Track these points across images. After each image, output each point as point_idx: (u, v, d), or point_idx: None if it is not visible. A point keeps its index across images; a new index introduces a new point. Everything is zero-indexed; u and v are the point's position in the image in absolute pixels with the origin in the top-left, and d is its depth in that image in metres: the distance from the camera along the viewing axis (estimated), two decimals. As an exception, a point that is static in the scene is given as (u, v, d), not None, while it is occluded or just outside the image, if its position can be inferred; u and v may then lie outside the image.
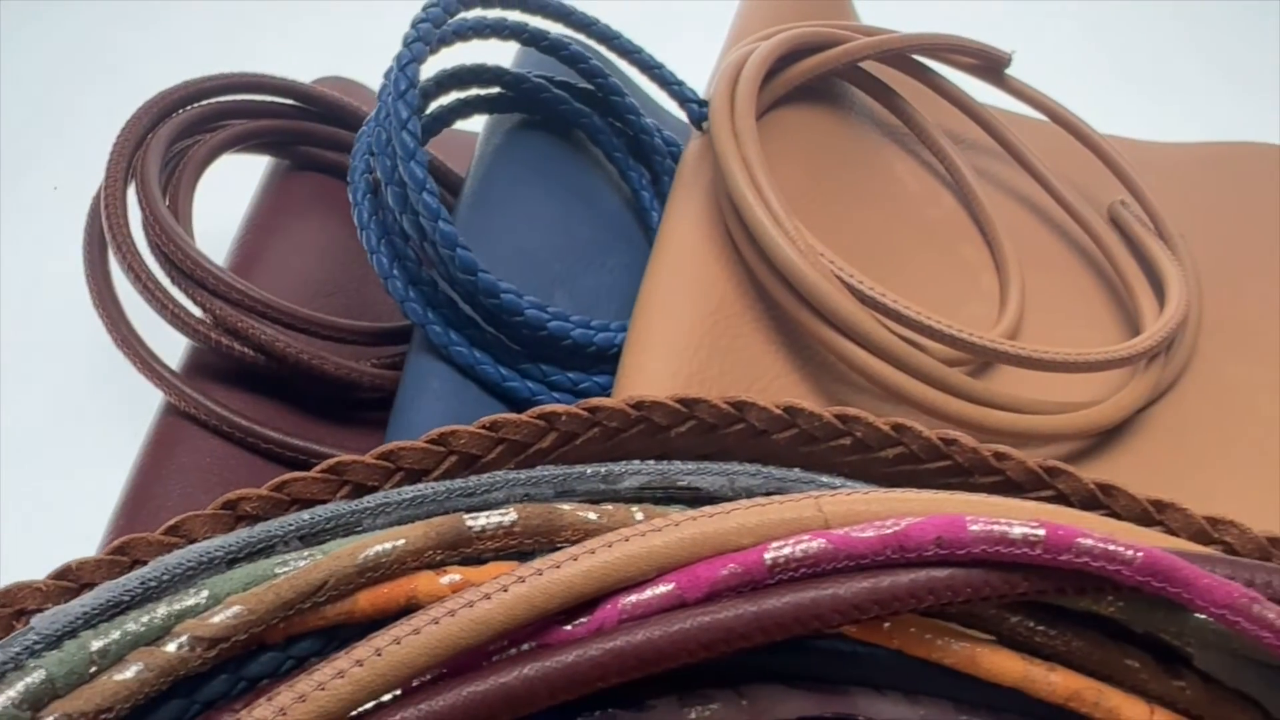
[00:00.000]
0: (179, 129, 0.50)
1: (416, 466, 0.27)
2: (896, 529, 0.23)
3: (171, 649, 0.21)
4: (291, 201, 0.56)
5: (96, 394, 0.54)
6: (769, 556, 0.22)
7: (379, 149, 0.41)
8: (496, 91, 0.50)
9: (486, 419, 0.28)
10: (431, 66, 0.46)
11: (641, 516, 0.25)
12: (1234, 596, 0.22)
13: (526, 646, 0.22)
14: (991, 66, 0.54)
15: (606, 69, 0.50)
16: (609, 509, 0.25)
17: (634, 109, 0.50)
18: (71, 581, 0.25)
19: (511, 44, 0.49)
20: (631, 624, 0.22)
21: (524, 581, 0.22)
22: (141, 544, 0.25)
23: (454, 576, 0.23)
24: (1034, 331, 0.48)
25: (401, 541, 0.23)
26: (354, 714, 0.21)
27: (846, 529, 0.23)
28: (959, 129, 0.56)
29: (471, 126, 0.51)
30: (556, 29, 0.48)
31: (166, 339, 0.46)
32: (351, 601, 0.23)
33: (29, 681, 0.20)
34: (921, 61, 0.54)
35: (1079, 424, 0.41)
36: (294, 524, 0.24)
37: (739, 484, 0.27)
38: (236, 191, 0.57)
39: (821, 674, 0.25)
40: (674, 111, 0.48)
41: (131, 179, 0.47)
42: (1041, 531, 0.22)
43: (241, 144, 0.53)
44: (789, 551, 0.23)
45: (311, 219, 0.56)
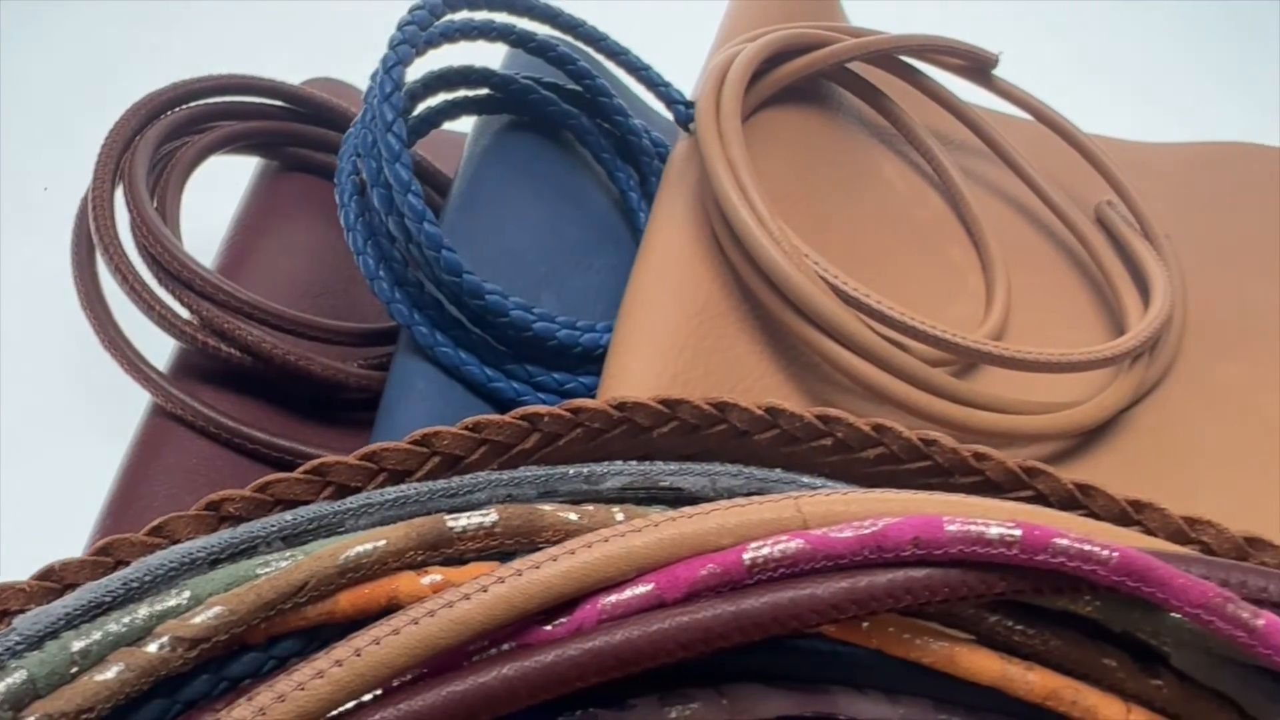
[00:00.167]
0: (167, 130, 0.50)
1: (400, 467, 0.27)
2: (874, 529, 0.23)
3: (152, 649, 0.21)
4: (280, 203, 0.56)
5: (83, 395, 0.54)
6: (748, 557, 0.23)
7: (365, 151, 0.41)
8: (485, 93, 0.50)
9: (470, 420, 0.28)
10: (420, 68, 0.46)
11: (622, 517, 0.25)
12: (1208, 596, 0.22)
13: (506, 646, 0.22)
14: (979, 67, 0.55)
15: (594, 70, 0.50)
16: (590, 509, 0.25)
17: (622, 110, 0.50)
18: (55, 582, 0.25)
19: (500, 46, 0.49)
20: (611, 624, 0.22)
21: (503, 582, 0.22)
22: (125, 545, 0.25)
23: (435, 577, 0.23)
24: (1020, 331, 0.48)
25: (383, 542, 0.23)
26: (334, 714, 0.21)
27: (825, 529, 0.23)
28: (946, 130, 0.56)
29: (461, 127, 0.51)
30: (544, 31, 0.48)
31: (154, 340, 0.46)
32: (333, 602, 0.23)
33: (10, 682, 0.20)
34: (909, 62, 0.54)
35: (1062, 424, 0.41)
36: (276, 525, 0.25)
37: (721, 484, 0.27)
38: (226, 192, 0.57)
39: (802, 673, 0.25)
40: (663, 113, 0.48)
41: (119, 181, 0.47)
42: (1018, 532, 0.23)
43: (230, 145, 0.53)
44: (767, 552, 0.23)
45: (300, 220, 0.56)
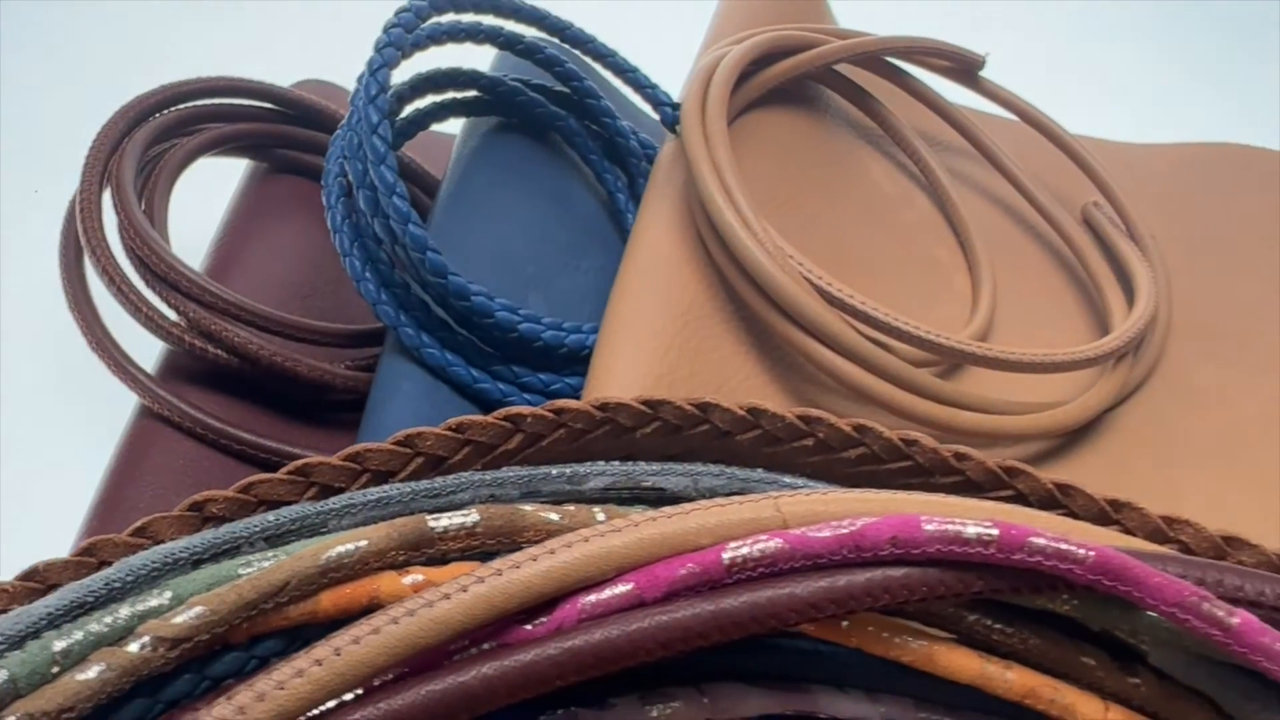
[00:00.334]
0: (156, 133, 0.50)
1: (383, 468, 0.27)
2: (853, 529, 0.23)
3: (134, 649, 0.21)
4: (270, 204, 0.56)
5: (71, 396, 0.54)
6: (727, 556, 0.23)
7: (351, 153, 0.41)
8: (473, 94, 0.50)
9: (453, 420, 0.28)
10: (408, 70, 0.46)
11: (603, 517, 0.25)
12: (1183, 594, 0.22)
13: (487, 646, 0.22)
14: (965, 69, 0.55)
15: (583, 72, 0.50)
16: (571, 510, 0.25)
17: (609, 112, 0.50)
18: (38, 583, 0.25)
19: (489, 49, 0.49)
20: (590, 623, 0.22)
21: (483, 582, 0.22)
22: (108, 545, 0.25)
23: (417, 577, 0.23)
24: (1005, 332, 0.49)
25: (364, 542, 0.23)
26: (314, 713, 0.21)
27: (804, 529, 0.23)
28: (933, 131, 0.57)
29: (450, 129, 0.51)
30: (532, 33, 0.48)
31: (142, 342, 0.46)
32: (314, 602, 0.23)
33: (-9, 681, 0.20)
34: (895, 64, 0.55)
35: (1045, 424, 0.41)
36: (259, 525, 0.25)
37: (703, 484, 0.27)
38: (217, 194, 0.57)
39: (783, 672, 0.25)
40: (652, 115, 0.48)
41: (107, 183, 0.47)
42: (995, 531, 0.23)
43: (219, 148, 0.53)
44: (746, 551, 0.23)
45: (289, 222, 0.56)
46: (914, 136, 0.54)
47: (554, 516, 0.25)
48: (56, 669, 0.21)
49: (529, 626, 0.22)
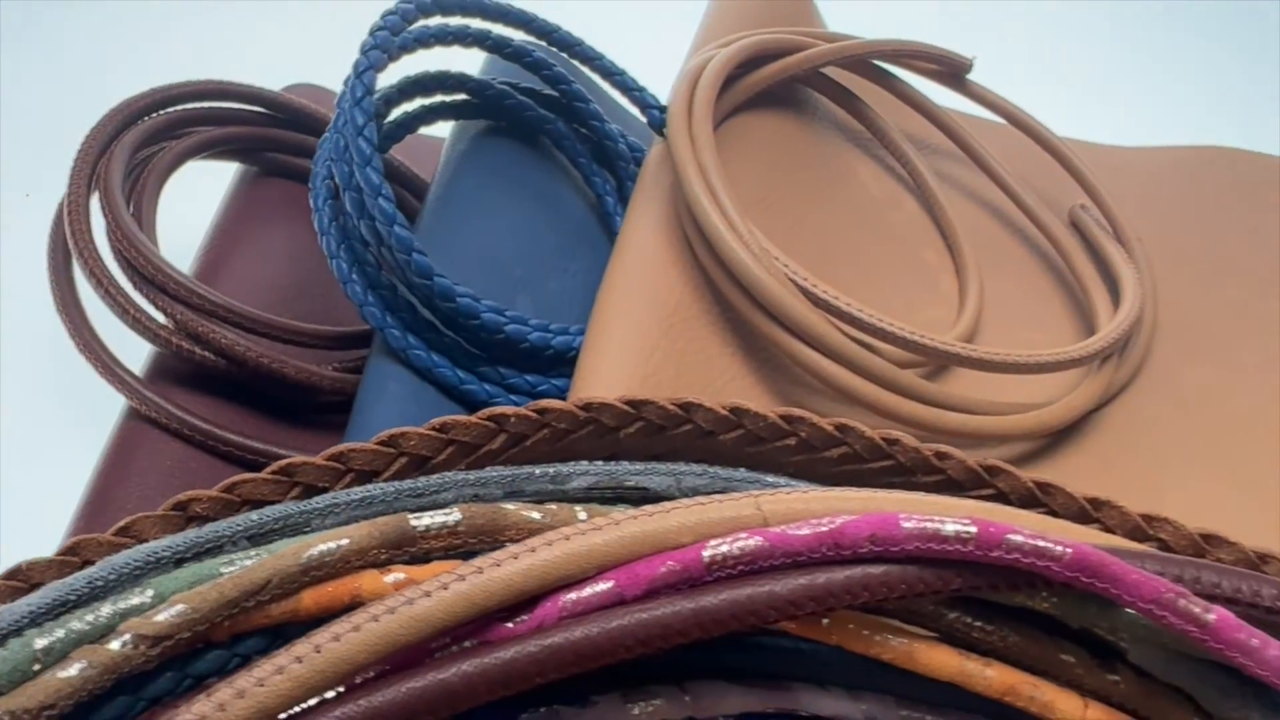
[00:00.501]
0: (144, 136, 0.50)
1: (367, 468, 0.27)
2: (832, 526, 0.23)
3: (115, 647, 0.21)
4: (259, 207, 0.56)
5: (59, 398, 0.54)
6: (707, 554, 0.23)
7: (337, 155, 0.41)
8: (462, 98, 0.50)
9: (437, 421, 0.28)
10: (397, 73, 0.46)
11: (585, 516, 0.25)
12: (1160, 591, 0.23)
13: (468, 643, 0.22)
14: (953, 72, 0.55)
15: (571, 75, 0.50)
16: (553, 508, 0.25)
17: (598, 115, 0.51)
18: (22, 581, 0.25)
19: (480, 52, 0.49)
20: (571, 621, 0.22)
21: (464, 579, 0.22)
22: (92, 544, 0.26)
23: (398, 575, 0.23)
24: (992, 334, 0.49)
25: (346, 541, 0.23)
26: (296, 710, 0.21)
27: (784, 527, 0.23)
28: (921, 134, 0.57)
29: (441, 132, 0.52)
30: (520, 36, 0.48)
31: (131, 345, 0.46)
32: (296, 600, 0.23)
33: (-27, 679, 0.20)
34: (883, 67, 0.55)
35: (1029, 425, 0.41)
36: (242, 524, 0.25)
37: (686, 484, 0.27)
38: (207, 197, 0.57)
39: (764, 670, 0.25)
40: (642, 118, 0.48)
41: (95, 186, 0.47)
42: (973, 529, 0.23)
43: (207, 151, 0.53)
44: (726, 549, 0.23)
45: (279, 224, 0.56)
46: (901, 139, 0.54)
47: (536, 515, 0.25)
48: (38, 666, 0.21)
49: (510, 624, 0.22)
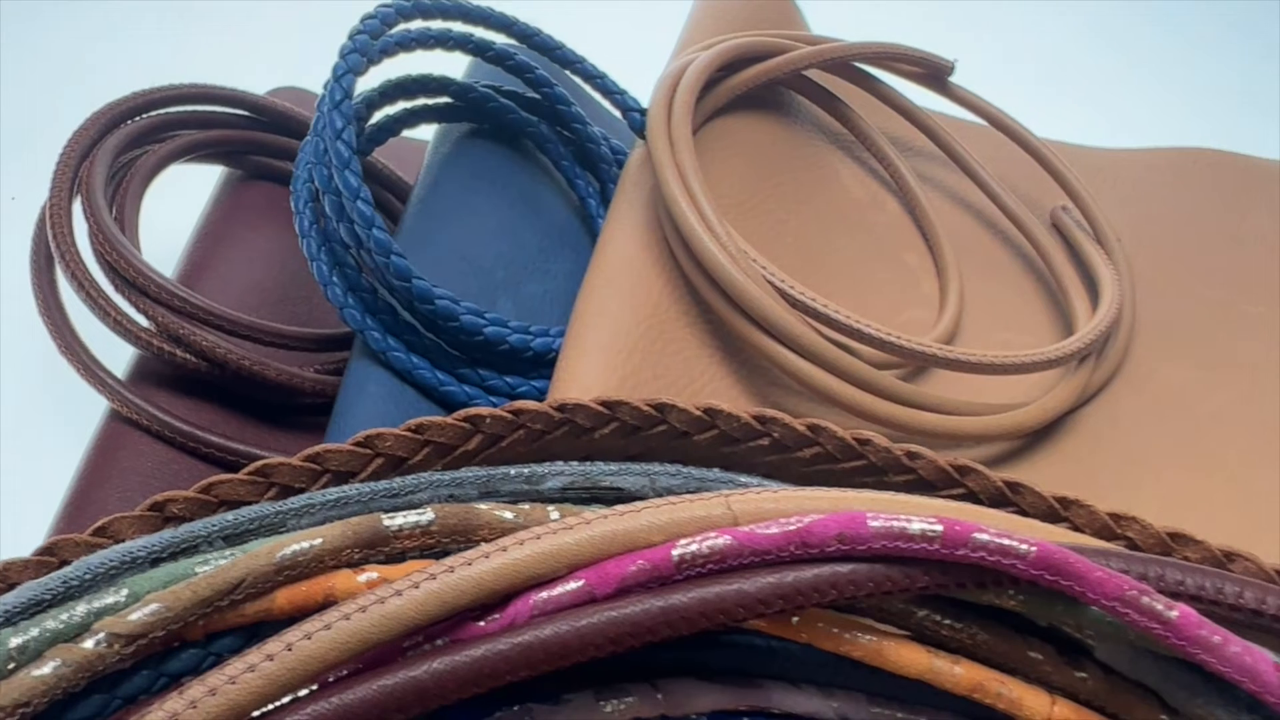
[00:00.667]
0: (127, 139, 0.50)
1: (343, 469, 0.28)
2: (800, 525, 0.23)
3: (89, 646, 0.21)
4: (243, 211, 0.56)
5: (41, 401, 0.54)
6: (676, 553, 0.23)
7: (317, 159, 0.41)
8: (445, 101, 0.50)
9: (413, 421, 0.28)
10: (379, 76, 0.46)
11: (557, 515, 0.25)
12: (1123, 589, 0.23)
13: (440, 642, 0.23)
14: (935, 74, 0.55)
15: (554, 78, 0.51)
16: (526, 508, 0.25)
17: (580, 118, 0.51)
18: (-1, 582, 0.25)
19: (464, 56, 0.50)
20: (542, 619, 0.22)
21: (436, 578, 0.22)
22: (69, 545, 0.26)
23: (372, 574, 0.24)
24: (972, 335, 0.49)
25: (319, 540, 0.23)
26: (269, 708, 0.21)
27: (752, 526, 0.24)
28: (903, 136, 0.57)
29: (424, 135, 0.52)
30: (502, 40, 0.49)
31: (113, 348, 0.46)
32: (270, 599, 0.23)
33: (-53, 678, 0.20)
34: (865, 69, 0.55)
35: (1005, 425, 0.42)
36: (218, 524, 0.25)
37: (660, 484, 0.27)
38: (191, 201, 0.57)
39: (737, 668, 0.26)
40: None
41: (77, 190, 0.47)
42: (939, 527, 0.23)
43: (190, 154, 0.53)
44: (696, 548, 0.23)
45: (263, 228, 0.56)
46: (883, 141, 0.55)
47: (508, 515, 0.25)
48: (12, 665, 0.21)
49: (482, 623, 0.23)
